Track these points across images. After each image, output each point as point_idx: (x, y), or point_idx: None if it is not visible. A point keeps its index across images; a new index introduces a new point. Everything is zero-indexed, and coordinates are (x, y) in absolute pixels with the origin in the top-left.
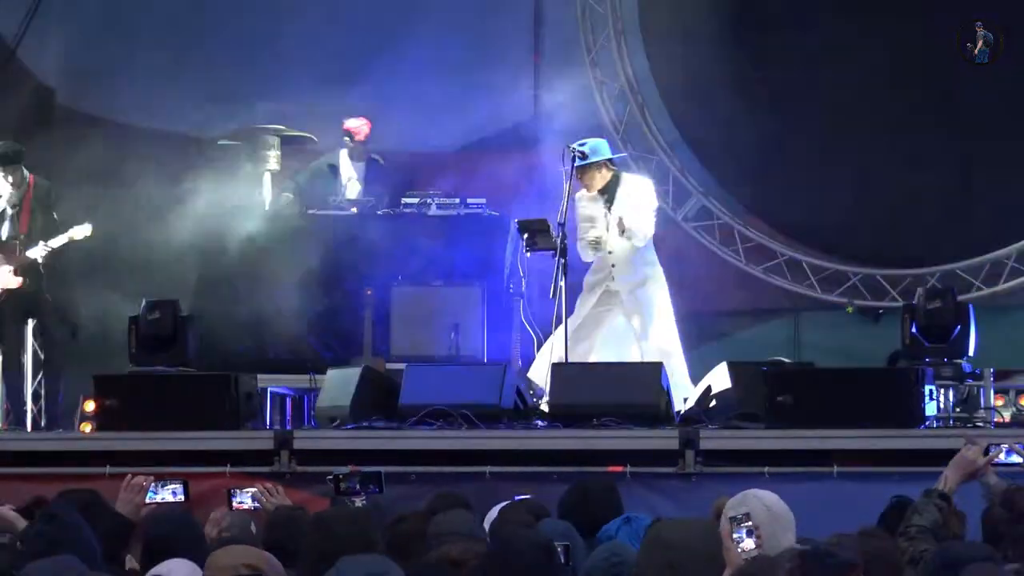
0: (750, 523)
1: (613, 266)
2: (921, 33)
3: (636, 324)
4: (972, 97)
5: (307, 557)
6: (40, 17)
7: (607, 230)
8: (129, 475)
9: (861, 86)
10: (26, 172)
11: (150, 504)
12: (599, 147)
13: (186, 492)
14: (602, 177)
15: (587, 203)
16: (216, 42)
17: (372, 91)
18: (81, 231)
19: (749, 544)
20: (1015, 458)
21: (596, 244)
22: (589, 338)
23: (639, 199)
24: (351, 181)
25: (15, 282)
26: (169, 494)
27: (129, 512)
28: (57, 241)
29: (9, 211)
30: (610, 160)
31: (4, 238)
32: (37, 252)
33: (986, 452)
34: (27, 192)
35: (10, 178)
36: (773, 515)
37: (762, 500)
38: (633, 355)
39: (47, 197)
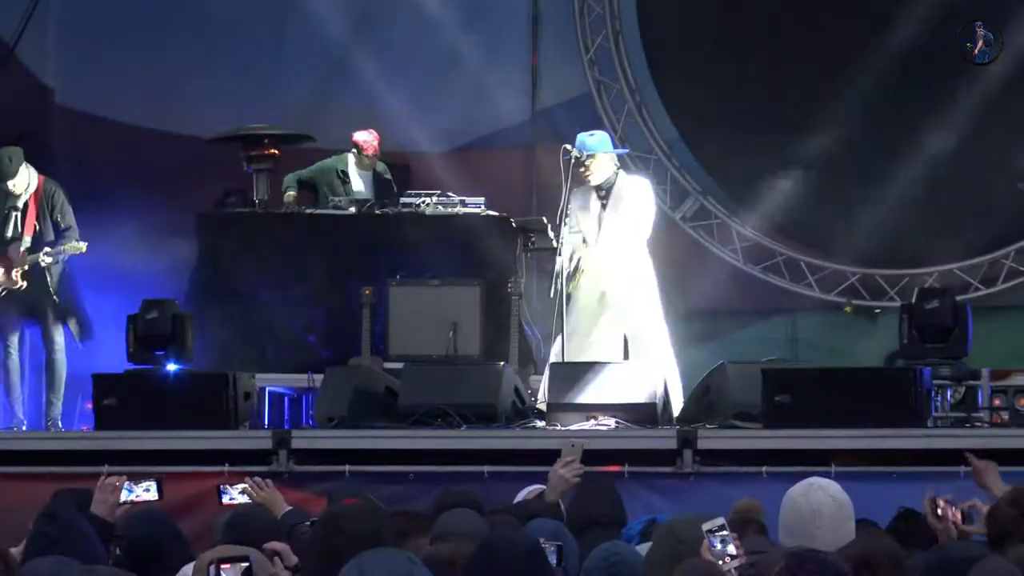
0: (725, 532)
1: (599, 264)
2: (922, 33)
3: (625, 323)
4: (971, 97)
5: (313, 554)
6: (38, 16)
7: (598, 227)
8: (103, 475)
9: (860, 86)
10: (34, 172)
11: (125, 504)
12: (605, 140)
13: (160, 490)
14: (604, 170)
15: (581, 195)
16: (215, 42)
17: (370, 91)
18: (76, 247)
19: (731, 550)
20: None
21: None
22: (583, 337)
23: (640, 202)
24: (359, 189)
25: (17, 284)
26: (144, 492)
27: (104, 512)
28: (52, 254)
29: (19, 206)
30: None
31: (8, 237)
32: (39, 258)
33: (936, 507)
34: (34, 193)
35: (13, 182)
36: (838, 504)
37: (827, 491)
38: (621, 354)
39: (52, 199)
